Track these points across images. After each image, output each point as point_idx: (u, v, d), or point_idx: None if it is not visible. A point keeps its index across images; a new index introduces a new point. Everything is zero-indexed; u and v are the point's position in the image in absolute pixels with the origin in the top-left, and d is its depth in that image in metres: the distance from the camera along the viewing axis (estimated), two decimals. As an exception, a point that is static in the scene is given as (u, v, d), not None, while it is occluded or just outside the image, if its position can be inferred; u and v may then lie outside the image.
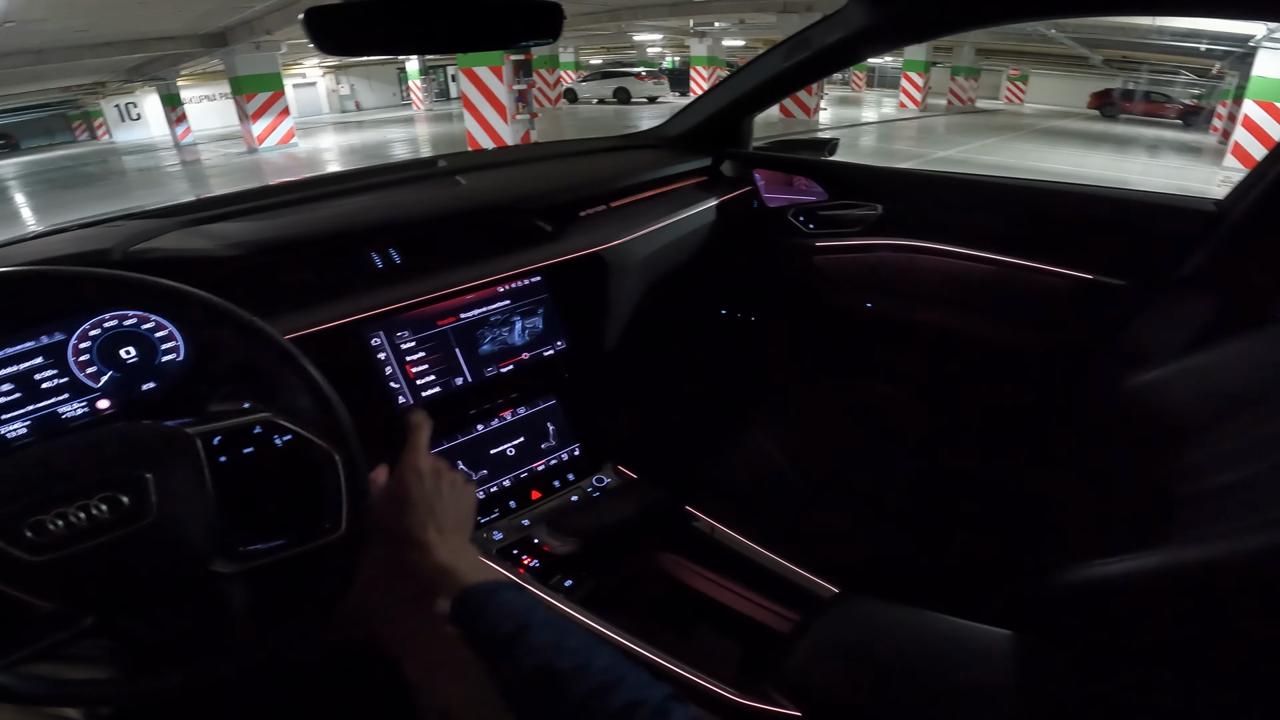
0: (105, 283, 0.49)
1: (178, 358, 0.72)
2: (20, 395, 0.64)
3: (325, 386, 0.55)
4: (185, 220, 0.83)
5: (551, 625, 0.50)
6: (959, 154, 9.91)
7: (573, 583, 0.93)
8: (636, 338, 1.16)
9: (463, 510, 0.64)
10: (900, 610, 0.72)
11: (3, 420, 0.64)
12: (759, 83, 1.31)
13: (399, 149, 12.07)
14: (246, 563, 0.51)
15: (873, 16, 1.05)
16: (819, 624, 0.73)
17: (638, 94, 18.20)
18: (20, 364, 0.64)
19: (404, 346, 0.90)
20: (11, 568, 0.44)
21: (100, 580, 0.47)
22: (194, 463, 0.50)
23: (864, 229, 1.32)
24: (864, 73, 25.25)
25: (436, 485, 0.62)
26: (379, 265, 0.90)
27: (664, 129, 1.48)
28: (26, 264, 0.47)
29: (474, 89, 7.89)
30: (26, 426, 0.65)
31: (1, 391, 0.64)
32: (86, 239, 0.75)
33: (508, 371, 1.00)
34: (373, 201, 1.01)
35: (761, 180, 1.47)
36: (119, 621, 0.49)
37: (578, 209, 1.15)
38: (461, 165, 1.18)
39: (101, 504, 0.46)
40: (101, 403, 0.69)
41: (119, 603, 0.49)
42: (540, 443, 1.08)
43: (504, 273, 0.98)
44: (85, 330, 0.67)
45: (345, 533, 0.53)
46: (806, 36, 1.18)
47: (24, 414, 0.65)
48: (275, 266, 0.82)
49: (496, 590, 0.53)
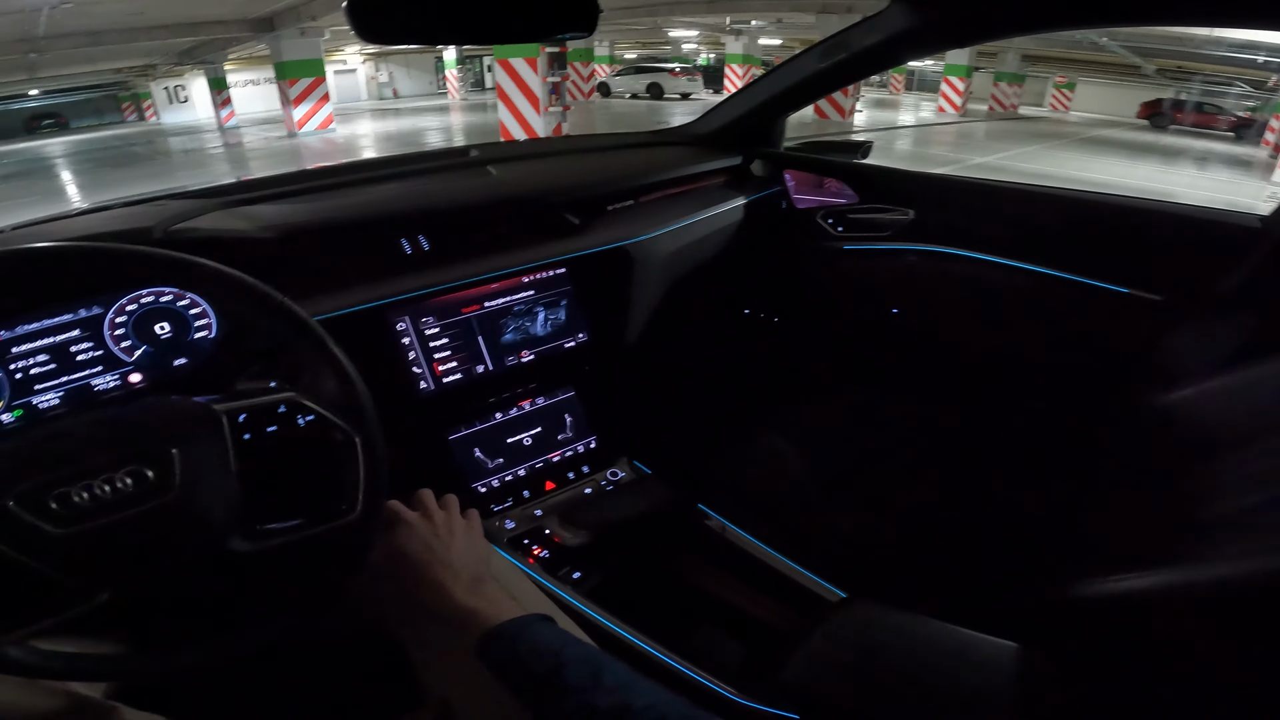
0: (142, 259, 0.51)
1: (209, 335, 0.75)
2: (55, 366, 0.67)
3: (350, 370, 0.56)
4: (224, 201, 0.86)
5: (587, 661, 0.48)
6: (997, 160, 9.68)
7: (581, 575, 0.94)
8: (658, 333, 1.17)
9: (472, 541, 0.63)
10: (907, 618, 0.72)
11: (37, 390, 0.66)
12: (794, 83, 1.29)
13: (433, 137, 12.22)
14: (263, 541, 0.52)
15: (915, 20, 1.03)
16: (825, 628, 0.73)
17: (671, 90, 18.11)
18: (57, 335, 0.67)
19: (428, 333, 0.92)
20: (34, 540, 0.45)
21: (119, 555, 0.48)
22: (219, 440, 0.51)
23: (894, 234, 1.30)
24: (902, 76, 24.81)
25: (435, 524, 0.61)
26: (408, 252, 0.92)
27: (695, 126, 1.47)
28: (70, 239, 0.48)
29: (509, 80, 7.94)
30: (59, 397, 0.67)
31: (38, 362, 0.66)
32: (129, 217, 0.77)
33: (528, 361, 1.01)
34: (404, 189, 1.03)
35: (792, 181, 1.45)
36: (134, 597, 0.50)
37: (605, 203, 1.15)
38: (492, 156, 1.19)
39: (127, 478, 0.47)
40: (133, 376, 0.71)
41: (136, 578, 0.49)
42: (557, 434, 1.09)
43: (529, 263, 1.00)
44: (122, 305, 0.70)
45: (360, 516, 0.54)
46: (844, 38, 1.16)
47: (58, 385, 0.67)
48: (308, 249, 0.84)
49: (524, 629, 0.51)
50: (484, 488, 1.00)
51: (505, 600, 0.57)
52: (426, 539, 0.60)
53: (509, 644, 0.51)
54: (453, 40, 0.73)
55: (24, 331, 0.65)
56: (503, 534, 0.96)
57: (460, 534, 0.63)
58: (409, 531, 0.60)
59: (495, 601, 0.56)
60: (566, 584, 0.89)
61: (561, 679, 0.47)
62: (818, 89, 1.31)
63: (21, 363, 0.65)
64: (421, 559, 0.58)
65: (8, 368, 0.64)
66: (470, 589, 0.57)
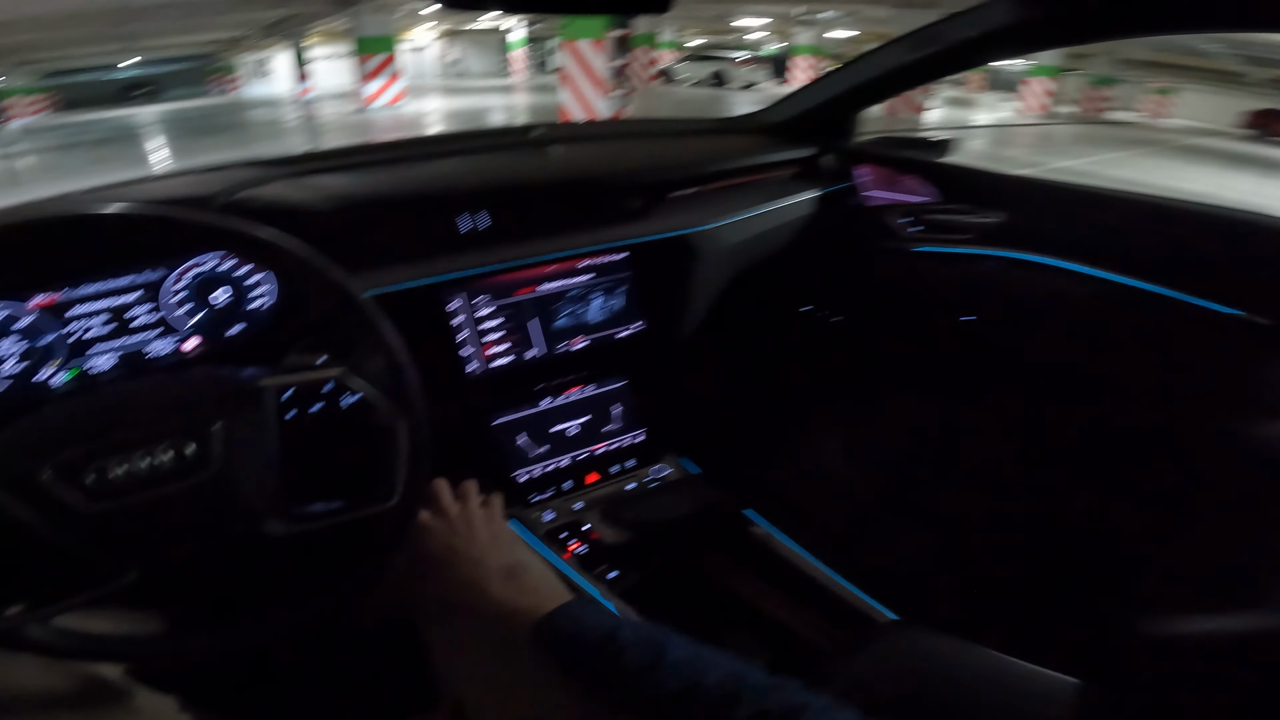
0: (200, 226, 0.50)
1: (265, 305, 0.74)
2: (112, 329, 0.67)
3: (400, 351, 0.54)
4: (290, 171, 0.86)
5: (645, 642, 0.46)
6: (1082, 165, 9.10)
7: (617, 574, 0.91)
8: (715, 327, 1.12)
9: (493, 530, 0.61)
10: (961, 645, 0.67)
11: (92, 354, 0.66)
12: (877, 75, 1.22)
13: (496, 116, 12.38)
14: (299, 525, 0.51)
15: (1019, 16, 0.95)
16: (871, 650, 0.69)
17: (735, 79, 17.82)
18: (116, 298, 0.67)
19: (480, 313, 0.90)
20: (66, 516, 0.44)
21: (151, 534, 0.46)
22: (263, 416, 0.50)
23: (975, 238, 1.21)
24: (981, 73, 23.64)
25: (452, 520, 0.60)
26: (465, 230, 0.90)
27: (765, 115, 1.41)
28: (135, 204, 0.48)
29: (573, 62, 7.95)
30: (113, 361, 0.67)
31: (95, 324, 0.66)
32: (198, 183, 0.78)
33: (581, 348, 0.98)
34: (465, 165, 1.02)
35: (866, 176, 1.38)
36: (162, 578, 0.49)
37: (668, 189, 1.11)
38: (555, 136, 1.16)
39: (166, 453, 0.46)
40: (187, 343, 0.71)
41: (166, 559, 0.48)
42: (604, 425, 1.06)
43: (589, 246, 0.97)
44: (182, 270, 0.70)
45: (398, 503, 0.52)
46: (938, 30, 1.09)
47: (113, 349, 0.67)
48: (366, 223, 0.83)
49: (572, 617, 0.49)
50: (524, 476, 0.98)
51: (545, 587, 0.55)
52: (446, 538, 0.58)
53: (561, 634, 0.49)
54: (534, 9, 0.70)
55: (83, 293, 0.65)
56: (540, 526, 0.94)
57: (480, 525, 0.61)
58: (425, 533, 0.58)
59: (534, 591, 0.54)
60: (601, 583, 0.87)
61: (621, 664, 0.45)
62: (903, 82, 1.24)
63: (79, 324, 0.65)
64: (446, 560, 0.56)
65: (65, 329, 0.65)
66: (505, 581, 0.55)
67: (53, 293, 0.63)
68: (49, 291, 0.63)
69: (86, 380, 0.66)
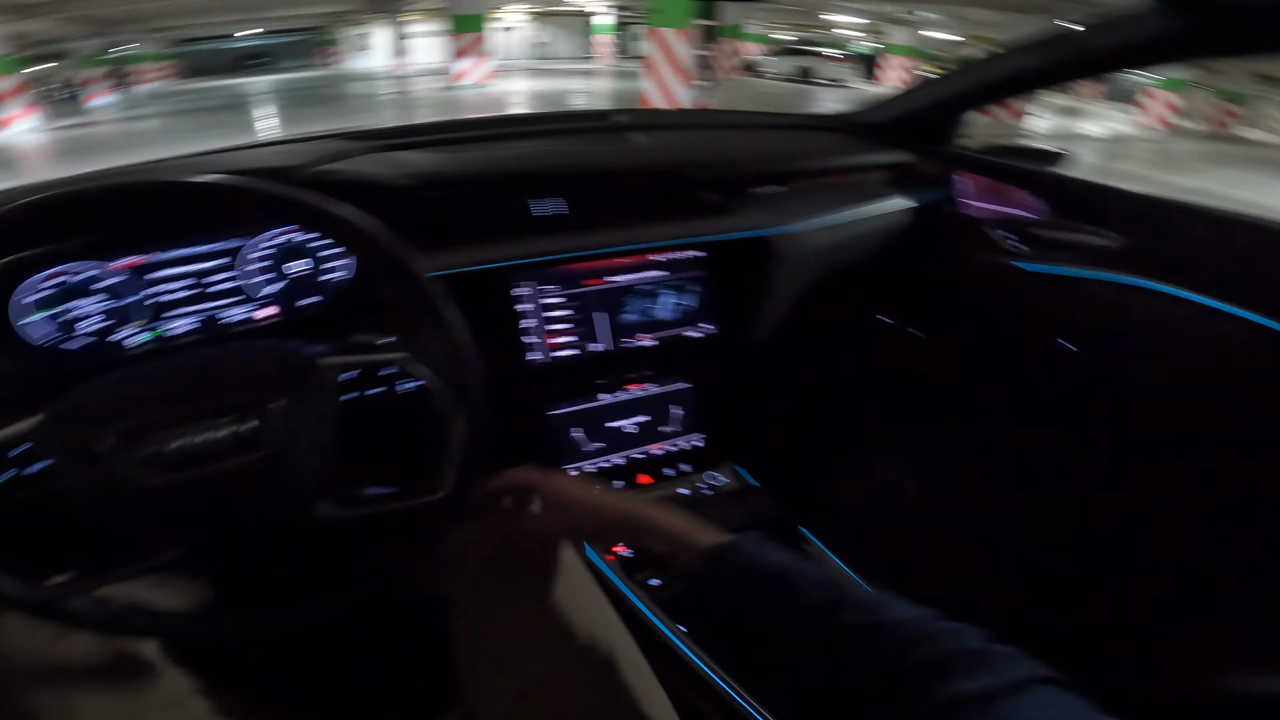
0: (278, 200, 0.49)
1: (337, 279, 0.75)
2: (191, 294, 0.68)
3: (463, 338, 0.52)
4: (375, 145, 0.86)
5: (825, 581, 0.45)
6: (1208, 185, 8.30)
7: (660, 584, 0.88)
8: (787, 335, 1.06)
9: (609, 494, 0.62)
10: None
11: (170, 317, 0.68)
12: (995, 79, 1.13)
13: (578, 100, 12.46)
14: (350, 510, 0.50)
15: (1177, 25, 0.85)
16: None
17: (822, 75, 17.22)
18: (197, 264, 0.68)
19: (547, 301, 0.88)
20: (121, 487, 0.43)
21: (202, 511, 0.46)
22: (322, 396, 0.49)
23: (1088, 259, 1.10)
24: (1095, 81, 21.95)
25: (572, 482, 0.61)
26: (538, 214, 0.88)
27: (863, 115, 1.33)
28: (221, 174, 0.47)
29: (657, 49, 7.88)
30: (189, 325, 0.69)
31: (175, 289, 0.68)
32: (288, 154, 0.79)
33: (646, 345, 0.95)
34: (543, 148, 1.00)
35: (965, 185, 1.27)
36: (206, 556, 0.48)
37: (750, 185, 1.05)
38: (635, 122, 1.13)
39: (223, 428, 0.45)
40: (260, 312, 0.72)
41: (213, 536, 0.47)
42: (662, 425, 1.03)
43: (663, 240, 0.93)
44: (261, 240, 0.71)
45: (447, 495, 0.51)
46: (1075, 36, 1.00)
47: (190, 313, 0.69)
48: (442, 201, 0.83)
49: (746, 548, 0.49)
50: (576, 471, 0.97)
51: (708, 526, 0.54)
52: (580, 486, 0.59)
53: (739, 561, 0.49)
54: None
55: (167, 258, 0.67)
56: None
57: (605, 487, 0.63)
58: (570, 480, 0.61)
59: (701, 527, 0.54)
60: (643, 589, 0.84)
61: (801, 598, 0.44)
62: (1024, 86, 1.16)
63: (162, 287, 0.67)
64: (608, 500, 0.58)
65: (149, 290, 0.66)
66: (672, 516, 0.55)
67: (137, 256, 0.65)
68: (134, 254, 0.65)
69: (164, 342, 0.68)
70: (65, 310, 0.63)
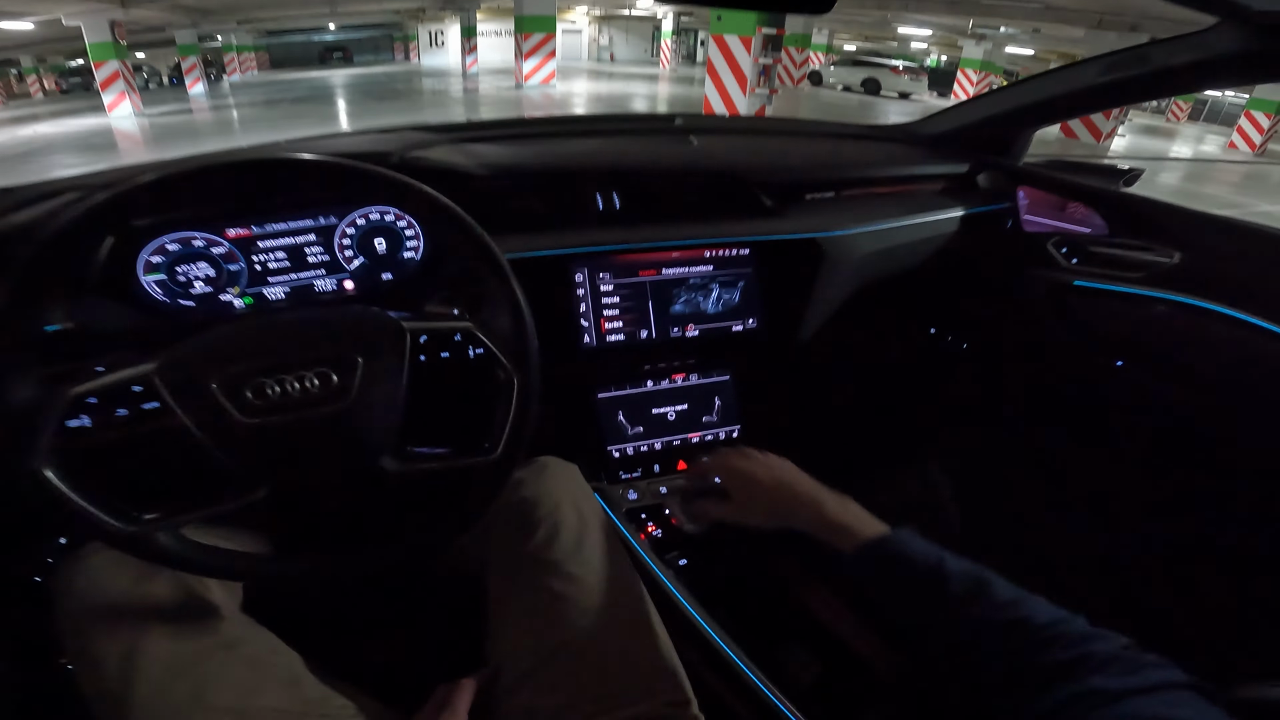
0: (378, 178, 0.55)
1: (416, 256, 0.81)
2: (288, 264, 0.76)
3: (526, 313, 0.57)
4: (452, 137, 0.93)
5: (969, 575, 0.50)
6: (1295, 214, 7.73)
7: (686, 563, 0.92)
8: (832, 335, 1.08)
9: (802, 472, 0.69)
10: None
11: (269, 283, 0.75)
12: (1060, 94, 1.12)
13: (639, 104, 12.57)
14: (409, 464, 0.54)
15: (1248, 44, 0.83)
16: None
17: (889, 88, 16.75)
18: (297, 238, 0.76)
19: (602, 288, 0.93)
20: (224, 425, 0.48)
21: (286, 454, 0.51)
22: (400, 356, 0.54)
23: (1147, 277, 1.08)
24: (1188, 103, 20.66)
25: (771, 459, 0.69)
26: (600, 207, 0.94)
27: (921, 126, 1.33)
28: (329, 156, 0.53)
29: (720, 55, 7.88)
30: (285, 292, 0.76)
31: (276, 259, 0.75)
32: (377, 141, 0.86)
33: (692, 337, 0.99)
34: (607, 145, 1.05)
35: (1025, 200, 1.26)
36: (285, 499, 0.53)
37: (804, 190, 1.08)
38: (696, 126, 1.17)
39: (315, 378, 0.50)
40: (348, 283, 0.79)
41: (294, 479, 0.52)
42: (702, 415, 1.06)
43: (715, 238, 0.97)
44: (353, 218, 0.78)
45: (500, 456, 0.55)
46: (1144, 53, 0.98)
47: (286, 281, 0.76)
48: (512, 191, 0.89)
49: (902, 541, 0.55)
50: (618, 452, 1.01)
51: (870, 518, 0.60)
52: (779, 473, 0.67)
53: (889, 552, 0.54)
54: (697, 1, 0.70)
55: (272, 230, 0.74)
56: (623, 503, 0.96)
57: (790, 465, 0.69)
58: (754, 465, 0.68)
59: (863, 519, 0.60)
60: (670, 568, 0.87)
61: (947, 590, 0.49)
62: (1090, 104, 1.14)
63: (263, 256, 0.75)
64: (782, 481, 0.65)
65: (252, 258, 0.74)
66: (840, 506, 0.61)
67: (244, 228, 0.73)
68: (241, 226, 0.73)
69: (262, 305, 0.76)
70: (181, 272, 0.71)
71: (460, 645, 0.67)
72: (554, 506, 0.68)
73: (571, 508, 0.69)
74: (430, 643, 0.82)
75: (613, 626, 0.61)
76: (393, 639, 0.85)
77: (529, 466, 0.75)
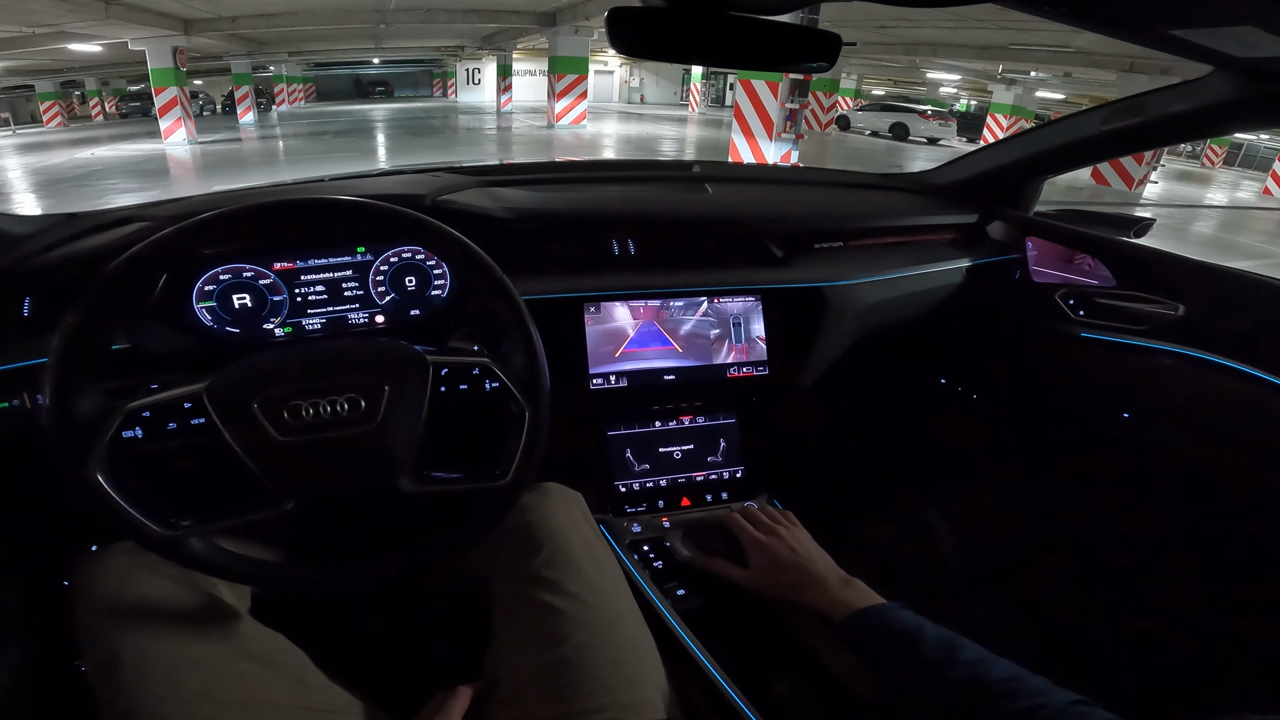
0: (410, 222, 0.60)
1: (442, 294, 0.87)
2: (326, 297, 0.81)
3: (540, 351, 0.61)
4: (481, 180, 1.00)
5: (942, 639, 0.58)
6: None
7: (684, 594, 0.93)
8: (837, 381, 1.11)
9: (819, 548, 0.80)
10: None
11: (308, 314, 0.81)
12: (1066, 143, 1.14)
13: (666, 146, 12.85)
14: (424, 486, 0.58)
15: (1241, 92, 0.85)
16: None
17: (917, 133, 16.84)
18: (335, 273, 0.81)
19: (614, 330, 0.97)
20: (262, 441, 0.53)
21: (316, 470, 0.55)
22: (422, 386, 0.58)
23: (1151, 330, 1.08)
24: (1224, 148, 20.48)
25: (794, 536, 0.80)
26: (615, 252, 0.98)
27: (932, 175, 1.37)
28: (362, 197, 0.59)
29: (747, 100, 8.03)
30: (322, 323, 0.82)
31: (315, 292, 0.81)
32: (411, 183, 0.93)
33: (700, 380, 1.02)
34: (627, 193, 1.10)
35: (1034, 250, 1.28)
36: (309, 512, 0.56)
37: (814, 240, 1.12)
38: (713, 174, 1.22)
39: (345, 403, 0.55)
40: (379, 317, 0.84)
41: (319, 494, 0.56)
42: (708, 455, 1.09)
43: (724, 285, 1.01)
44: (387, 256, 0.83)
45: (509, 483, 0.59)
46: (1141, 102, 1.00)
47: (323, 313, 0.82)
48: (532, 234, 0.94)
49: (888, 610, 0.64)
50: (624, 488, 1.04)
51: (872, 594, 0.70)
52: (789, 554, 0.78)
53: (872, 621, 0.63)
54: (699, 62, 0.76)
55: (313, 265, 0.80)
56: (626, 535, 0.98)
57: (809, 542, 0.80)
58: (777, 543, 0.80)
59: (865, 595, 0.69)
60: (668, 598, 0.89)
61: (918, 653, 0.57)
62: (1095, 153, 1.15)
63: (303, 289, 0.80)
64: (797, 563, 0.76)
65: (294, 290, 0.80)
66: (843, 586, 0.72)
67: (289, 261, 0.79)
68: (287, 260, 0.79)
69: (300, 334, 0.81)
70: (229, 300, 0.77)
71: (462, 655, 0.70)
72: (557, 529, 0.71)
73: (574, 532, 0.72)
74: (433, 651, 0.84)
75: (608, 645, 0.62)
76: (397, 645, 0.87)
77: (535, 491, 0.78)
